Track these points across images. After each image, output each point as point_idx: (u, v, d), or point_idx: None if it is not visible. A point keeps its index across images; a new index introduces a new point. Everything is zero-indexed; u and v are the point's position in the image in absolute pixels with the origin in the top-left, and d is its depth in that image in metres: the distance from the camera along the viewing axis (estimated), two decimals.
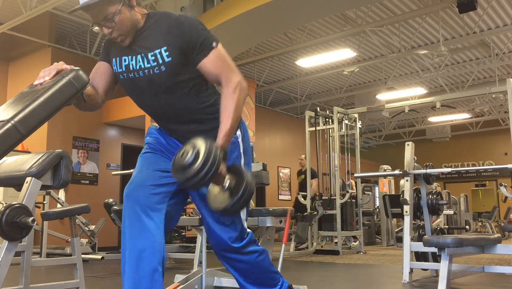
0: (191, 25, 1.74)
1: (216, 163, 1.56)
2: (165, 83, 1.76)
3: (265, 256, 1.97)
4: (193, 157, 1.55)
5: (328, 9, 6.81)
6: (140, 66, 1.76)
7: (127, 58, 1.79)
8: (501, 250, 3.10)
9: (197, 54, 1.73)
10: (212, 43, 1.75)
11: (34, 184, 2.03)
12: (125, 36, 1.74)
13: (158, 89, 1.78)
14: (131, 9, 1.72)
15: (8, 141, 1.52)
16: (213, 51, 1.74)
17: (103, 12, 1.66)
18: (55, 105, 1.62)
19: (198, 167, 1.54)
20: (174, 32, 1.72)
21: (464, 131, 16.17)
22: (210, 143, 1.58)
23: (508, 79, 6.30)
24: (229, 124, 1.69)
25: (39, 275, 4.46)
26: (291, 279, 2.29)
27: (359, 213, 7.88)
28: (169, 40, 1.72)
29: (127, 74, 1.80)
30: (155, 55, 1.73)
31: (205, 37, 1.74)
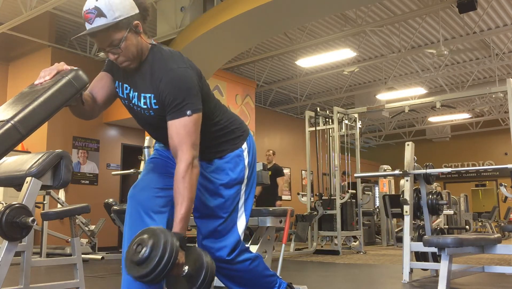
0: (180, 81, 1.68)
1: (173, 255, 1.45)
2: (157, 124, 1.78)
3: (258, 261, 1.95)
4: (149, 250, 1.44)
5: (328, 9, 6.81)
6: (135, 103, 1.79)
7: (128, 87, 1.80)
8: (501, 250, 3.10)
9: (168, 112, 1.68)
10: (187, 110, 1.67)
11: (34, 184, 2.03)
12: (130, 62, 1.72)
13: (152, 124, 1.83)
14: (138, 35, 1.71)
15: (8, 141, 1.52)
16: (183, 118, 1.67)
17: (109, 38, 1.65)
18: (55, 105, 1.62)
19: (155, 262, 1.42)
20: (163, 82, 1.68)
21: (464, 131, 16.17)
22: (165, 233, 1.48)
23: (508, 79, 6.30)
24: (184, 209, 1.62)
25: (39, 275, 4.46)
26: (291, 279, 2.29)
27: (359, 213, 7.88)
28: (156, 89, 1.70)
29: (127, 102, 1.83)
30: (146, 98, 1.74)
31: (184, 100, 1.66)
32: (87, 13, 1.64)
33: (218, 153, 1.91)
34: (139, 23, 1.70)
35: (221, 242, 1.85)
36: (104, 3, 1.62)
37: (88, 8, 1.64)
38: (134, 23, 1.68)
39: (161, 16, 7.66)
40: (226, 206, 1.87)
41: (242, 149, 1.96)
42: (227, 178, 1.89)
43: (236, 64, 9.87)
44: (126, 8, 1.65)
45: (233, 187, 1.90)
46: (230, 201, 1.88)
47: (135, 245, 1.49)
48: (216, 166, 1.90)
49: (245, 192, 1.96)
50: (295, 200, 11.74)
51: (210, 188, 1.86)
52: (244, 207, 1.95)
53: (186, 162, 1.65)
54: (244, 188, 1.95)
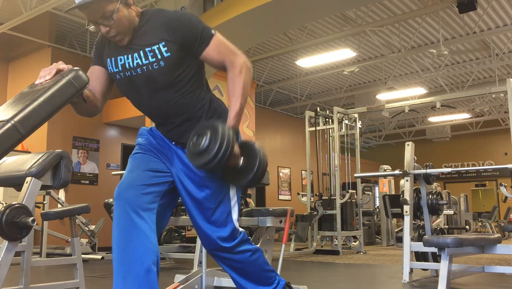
0: (187, 19, 1.75)
1: (231, 145, 1.58)
2: (164, 79, 1.76)
3: (258, 254, 1.96)
4: (208, 141, 1.59)
5: (328, 9, 6.81)
6: (138, 63, 1.75)
7: (123, 58, 1.78)
8: (501, 250, 3.10)
9: (199, 46, 1.75)
10: (210, 32, 1.77)
11: (34, 184, 2.03)
12: (123, 35, 1.72)
13: (156, 86, 1.77)
14: (128, 7, 1.71)
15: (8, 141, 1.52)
16: (213, 39, 1.76)
17: (100, 10, 1.64)
18: (55, 105, 1.62)
19: (215, 151, 1.57)
20: (171, 27, 1.72)
21: (464, 131, 16.17)
22: (222, 125, 1.62)
23: (508, 79, 6.30)
24: (239, 104, 1.71)
25: (39, 275, 4.46)
26: (291, 279, 2.29)
27: (359, 213, 7.88)
28: (166, 35, 1.72)
29: (124, 73, 1.79)
30: (153, 51, 1.72)
31: (203, 28, 1.75)
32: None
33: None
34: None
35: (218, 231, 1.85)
36: None
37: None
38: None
39: None
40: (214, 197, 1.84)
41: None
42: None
43: None
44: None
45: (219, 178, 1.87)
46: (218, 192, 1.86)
47: (195, 136, 1.63)
48: None
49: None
50: (295, 200, 11.75)
51: (196, 180, 1.83)
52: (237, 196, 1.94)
53: (239, 65, 1.74)
54: None
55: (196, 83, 1.82)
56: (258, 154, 1.69)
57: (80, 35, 8.98)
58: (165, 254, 5.48)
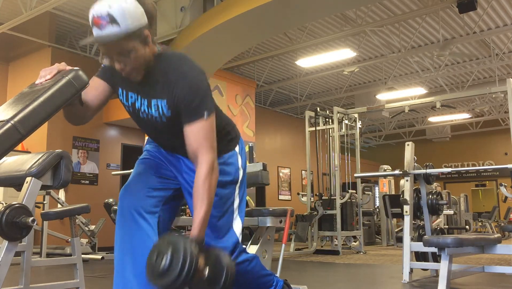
0: (195, 84, 1.67)
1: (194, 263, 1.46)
2: (167, 130, 1.77)
3: (255, 262, 1.96)
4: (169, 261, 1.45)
5: (328, 9, 6.81)
6: (145, 110, 1.76)
7: (133, 96, 1.77)
8: (501, 250, 3.10)
9: (185, 116, 1.67)
10: (204, 113, 1.67)
11: (34, 184, 2.03)
12: (137, 73, 1.68)
13: (161, 131, 1.80)
14: (147, 46, 1.65)
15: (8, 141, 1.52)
16: (200, 121, 1.66)
17: (119, 47, 1.59)
18: (55, 105, 1.62)
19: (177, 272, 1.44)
20: (175, 85, 1.66)
21: (464, 131, 16.17)
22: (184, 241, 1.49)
23: (508, 79, 6.30)
24: (203, 211, 1.62)
25: (39, 275, 4.46)
26: (291, 279, 2.29)
27: (359, 213, 7.88)
28: (169, 93, 1.67)
29: (133, 109, 1.80)
30: (157, 105, 1.71)
31: (200, 103, 1.67)
32: (98, 18, 1.54)
33: None
34: (149, 33, 1.65)
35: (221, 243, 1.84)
36: (118, 10, 1.53)
37: (100, 14, 1.54)
38: (145, 33, 1.62)
39: (161, 16, 7.65)
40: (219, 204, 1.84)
41: (236, 151, 1.95)
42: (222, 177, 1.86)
43: (236, 64, 9.87)
44: (138, 16, 1.59)
45: (227, 186, 1.88)
46: (224, 200, 1.86)
47: (155, 256, 1.49)
48: None
49: (239, 194, 1.95)
50: (295, 200, 11.75)
51: None
52: (239, 209, 1.94)
53: (208, 164, 1.65)
54: (237, 190, 1.94)
55: None
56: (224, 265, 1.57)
57: (80, 35, 8.98)
58: None
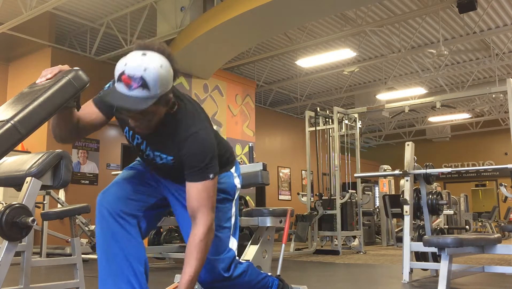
0: (203, 146, 1.69)
1: None
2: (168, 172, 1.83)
3: (251, 270, 1.97)
4: None
5: (328, 9, 6.81)
6: (149, 154, 1.79)
7: (140, 140, 1.79)
8: (501, 250, 3.10)
9: (190, 174, 1.69)
10: (209, 174, 1.69)
11: (34, 184, 2.03)
12: (149, 130, 1.70)
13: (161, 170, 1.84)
14: (166, 107, 1.66)
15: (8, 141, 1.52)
16: (204, 182, 1.68)
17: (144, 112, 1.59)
18: (54, 105, 1.62)
19: None
20: (184, 146, 1.68)
21: (464, 131, 16.17)
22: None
23: (508, 79, 6.30)
24: (193, 270, 1.64)
25: (39, 275, 4.46)
26: (291, 279, 2.29)
27: (359, 213, 7.88)
28: (177, 151, 1.71)
29: (137, 148, 1.83)
30: (162, 158, 1.76)
31: (206, 165, 1.68)
32: (130, 79, 1.50)
33: None
34: (172, 97, 1.65)
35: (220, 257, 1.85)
36: (152, 78, 1.51)
37: (133, 75, 1.50)
38: (169, 96, 1.63)
39: (161, 16, 7.65)
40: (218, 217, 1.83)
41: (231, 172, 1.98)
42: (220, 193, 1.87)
43: (236, 64, 9.87)
44: (169, 83, 1.58)
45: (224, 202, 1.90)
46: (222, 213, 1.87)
47: None
48: None
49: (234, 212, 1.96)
50: (295, 200, 11.74)
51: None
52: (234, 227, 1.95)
53: (206, 226, 1.67)
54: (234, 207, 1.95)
55: None
56: None
57: (80, 35, 8.98)
58: (165, 254, 5.47)
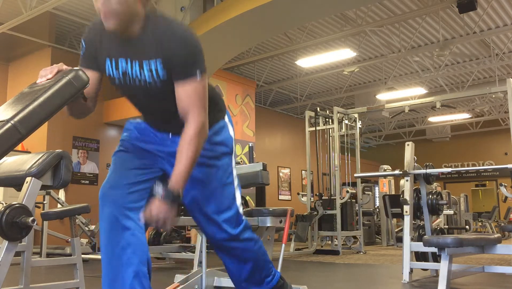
0: (189, 42, 1.63)
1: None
2: (160, 94, 1.72)
3: (260, 244, 1.97)
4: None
5: (328, 9, 6.81)
6: (137, 76, 1.69)
7: (123, 62, 1.69)
8: (501, 250, 3.10)
9: (178, 74, 1.64)
10: (197, 72, 1.64)
11: (34, 184, 2.03)
12: (119, 24, 1.60)
13: (153, 97, 1.74)
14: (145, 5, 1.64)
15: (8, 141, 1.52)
16: (193, 80, 1.64)
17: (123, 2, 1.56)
18: (54, 105, 1.62)
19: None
20: (167, 42, 1.62)
21: (464, 131, 16.17)
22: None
23: (508, 79, 6.30)
24: (183, 166, 1.61)
25: (39, 275, 4.46)
26: (291, 279, 2.29)
27: (359, 213, 7.88)
28: (162, 51, 1.63)
29: (123, 79, 1.72)
30: (150, 69, 1.65)
31: (194, 62, 1.64)
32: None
33: None
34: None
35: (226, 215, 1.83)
36: None
37: None
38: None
39: None
40: (218, 176, 1.82)
41: (225, 120, 1.92)
42: (218, 149, 1.84)
43: (236, 64, 9.87)
44: None
45: (223, 158, 1.86)
46: (222, 172, 1.84)
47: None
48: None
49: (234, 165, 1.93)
50: (295, 200, 11.74)
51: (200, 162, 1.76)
52: (237, 179, 1.92)
53: (196, 125, 1.64)
54: (233, 160, 1.91)
55: None
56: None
57: (80, 35, 8.95)
58: (165, 254, 5.47)
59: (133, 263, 1.68)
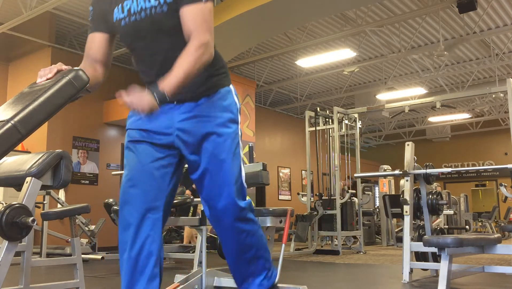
0: None
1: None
2: (168, 23, 1.69)
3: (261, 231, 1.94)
4: None
5: (328, 9, 6.81)
6: (141, 7, 1.69)
7: (128, 2, 1.72)
8: (501, 250, 3.10)
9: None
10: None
11: (34, 184, 2.03)
12: None
13: (159, 31, 1.70)
14: None
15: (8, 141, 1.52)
16: (198, 4, 1.64)
17: None
18: (55, 106, 1.62)
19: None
20: None
21: (464, 131, 16.17)
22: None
23: (508, 79, 6.30)
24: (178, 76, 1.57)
25: (39, 275, 4.46)
26: (291, 279, 2.29)
27: (359, 213, 7.88)
28: None
29: (129, 18, 1.72)
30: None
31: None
32: None
33: (209, 89, 1.79)
34: None
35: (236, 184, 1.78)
36: None
37: None
38: None
39: None
40: (227, 145, 1.78)
41: (230, 87, 1.88)
42: (225, 115, 1.80)
43: (236, 64, 9.87)
44: None
45: (229, 125, 1.80)
46: (230, 140, 1.79)
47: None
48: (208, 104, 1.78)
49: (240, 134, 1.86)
50: (295, 200, 11.75)
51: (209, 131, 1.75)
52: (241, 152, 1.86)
53: (200, 41, 1.61)
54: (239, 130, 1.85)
55: None
56: None
57: (80, 35, 8.98)
58: (165, 254, 5.47)
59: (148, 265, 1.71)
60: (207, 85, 1.79)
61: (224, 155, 1.77)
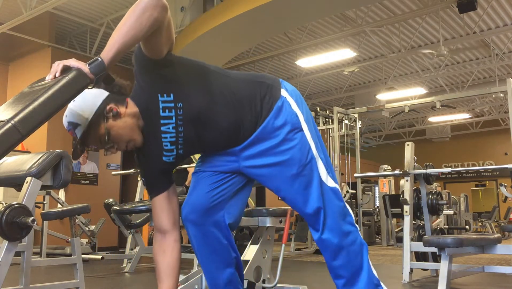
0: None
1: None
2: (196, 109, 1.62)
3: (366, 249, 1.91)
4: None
5: (328, 9, 6.81)
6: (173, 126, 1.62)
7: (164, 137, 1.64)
8: (501, 250, 3.10)
9: None
10: None
11: (34, 184, 2.03)
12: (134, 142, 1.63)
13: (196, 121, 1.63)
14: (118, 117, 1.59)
15: (8, 141, 1.51)
16: None
17: (97, 138, 1.59)
18: (55, 105, 1.61)
19: None
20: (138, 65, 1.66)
21: (464, 131, 16.17)
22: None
23: (508, 79, 6.29)
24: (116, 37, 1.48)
25: (39, 275, 4.46)
26: (291, 279, 2.29)
27: (359, 213, 7.88)
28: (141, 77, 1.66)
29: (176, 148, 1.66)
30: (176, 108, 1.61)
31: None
32: (69, 130, 1.63)
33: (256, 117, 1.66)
34: (112, 105, 1.59)
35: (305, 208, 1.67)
36: (71, 114, 1.60)
37: (66, 126, 1.64)
38: (107, 109, 1.58)
39: None
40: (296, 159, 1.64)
41: (283, 97, 1.76)
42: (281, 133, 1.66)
43: (236, 64, 9.87)
44: (90, 103, 1.59)
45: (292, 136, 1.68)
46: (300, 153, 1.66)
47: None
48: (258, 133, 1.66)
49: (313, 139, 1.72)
50: None
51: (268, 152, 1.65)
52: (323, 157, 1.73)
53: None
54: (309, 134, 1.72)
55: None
56: None
57: (80, 35, 8.98)
58: None
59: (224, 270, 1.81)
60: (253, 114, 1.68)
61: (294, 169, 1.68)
